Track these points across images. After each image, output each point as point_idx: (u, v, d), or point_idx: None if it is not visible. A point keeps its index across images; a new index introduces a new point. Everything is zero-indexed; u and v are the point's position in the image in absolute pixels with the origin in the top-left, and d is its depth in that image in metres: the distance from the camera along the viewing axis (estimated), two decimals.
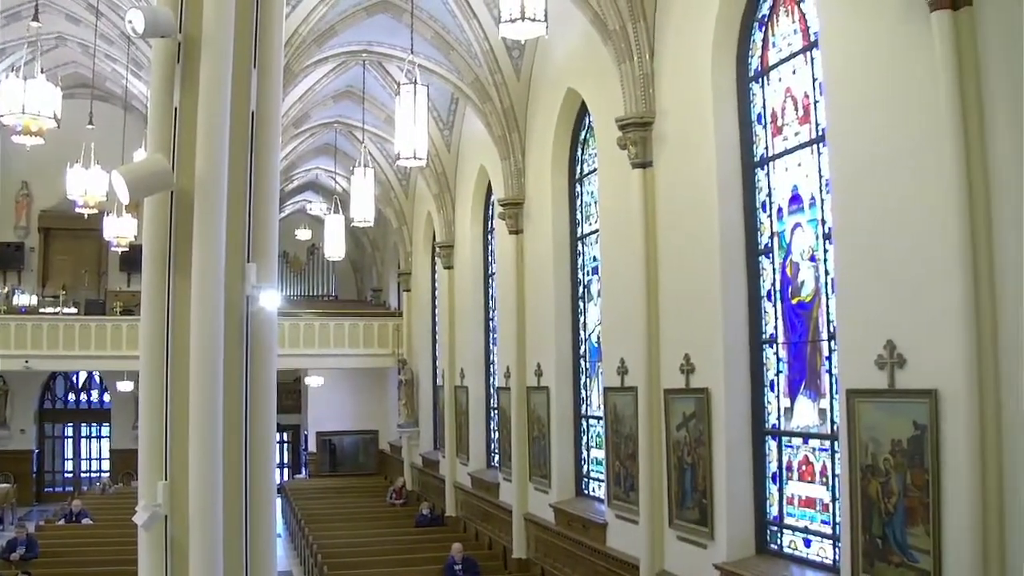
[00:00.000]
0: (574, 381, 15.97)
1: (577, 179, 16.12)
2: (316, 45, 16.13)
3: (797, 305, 10.11)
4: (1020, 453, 6.75)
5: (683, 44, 11.64)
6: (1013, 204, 6.81)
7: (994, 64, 7.00)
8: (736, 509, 10.56)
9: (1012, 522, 6.80)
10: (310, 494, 27.31)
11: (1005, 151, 6.89)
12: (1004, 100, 6.91)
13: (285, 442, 35.29)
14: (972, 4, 7.16)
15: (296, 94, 20.01)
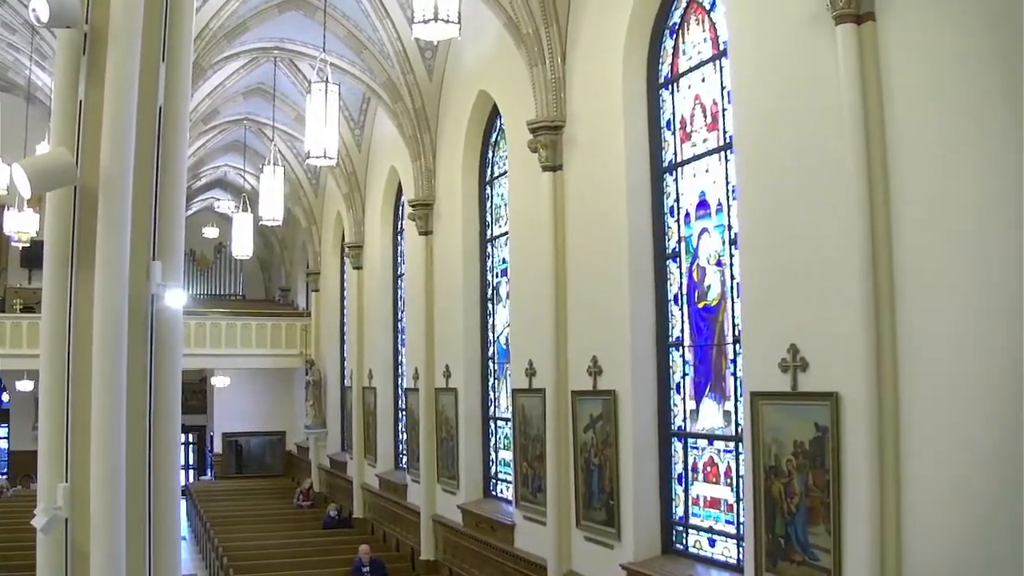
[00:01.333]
0: (482, 382, 15.93)
1: (488, 181, 16.09)
2: (227, 40, 15.82)
3: (703, 309, 10.22)
4: (917, 454, 6.91)
5: (595, 49, 11.70)
6: (913, 212, 6.97)
7: (896, 76, 7.15)
8: (642, 510, 10.63)
9: (909, 521, 6.96)
10: (216, 496, 26.85)
11: (906, 161, 7.05)
12: (905, 111, 7.07)
13: (190, 443, 34.61)
14: (875, 19, 7.31)
15: (205, 90, 19.63)
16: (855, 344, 7.21)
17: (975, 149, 6.49)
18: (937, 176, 6.79)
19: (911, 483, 6.96)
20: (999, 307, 6.27)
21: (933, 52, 6.86)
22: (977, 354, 6.45)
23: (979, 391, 6.42)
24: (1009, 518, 6.16)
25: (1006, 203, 6.22)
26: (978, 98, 6.48)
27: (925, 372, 6.86)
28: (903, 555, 6.99)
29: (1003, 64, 6.30)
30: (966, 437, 6.52)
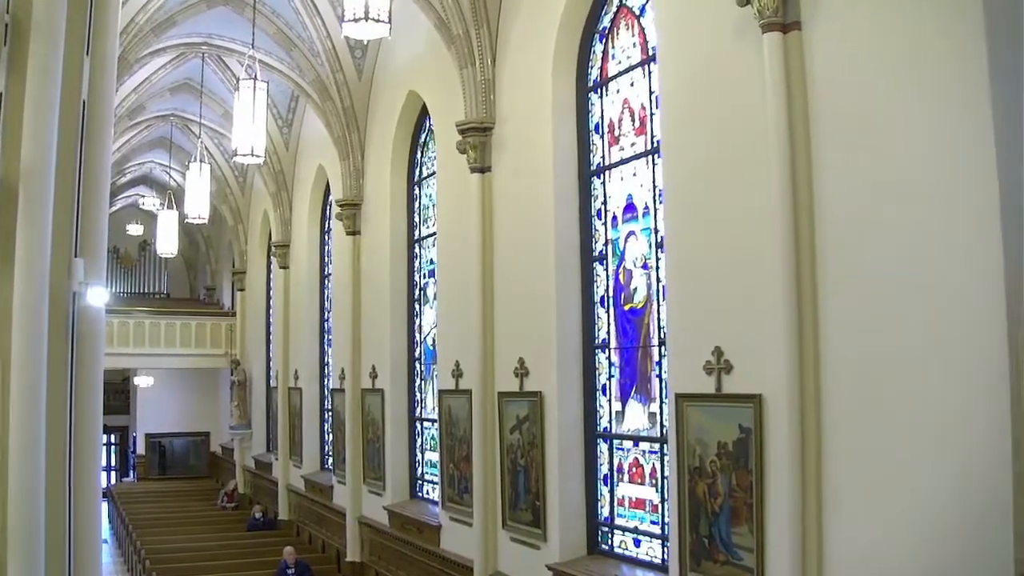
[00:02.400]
0: (409, 383, 15.86)
1: (416, 182, 16.03)
2: (154, 35, 15.50)
3: (629, 311, 10.27)
4: (838, 454, 7.02)
5: (525, 52, 11.71)
6: (835, 216, 7.09)
7: (820, 84, 7.26)
8: (568, 510, 10.66)
9: (830, 520, 7.07)
10: (138, 498, 26.45)
11: (829, 167, 7.16)
12: (829, 118, 7.18)
13: (112, 444, 33.98)
14: (801, 28, 7.42)
15: (131, 84, 19.22)
16: (778, 346, 7.30)
17: (897, 156, 6.61)
18: (859, 182, 6.90)
19: (832, 483, 7.07)
20: (919, 310, 6.39)
21: (857, 61, 6.97)
22: (896, 355, 6.57)
23: (898, 392, 6.54)
24: (925, 517, 6.31)
25: (929, 207, 6.36)
26: (900, 105, 6.60)
27: (846, 374, 6.97)
28: (824, 554, 7.09)
29: (925, 73, 6.44)
30: (885, 438, 6.63)
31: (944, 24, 6.30)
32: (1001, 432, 5.79)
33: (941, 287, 6.25)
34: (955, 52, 6.20)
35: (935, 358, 6.28)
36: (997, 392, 5.83)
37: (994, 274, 5.88)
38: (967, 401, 6.04)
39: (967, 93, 6.09)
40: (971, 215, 6.05)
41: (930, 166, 6.35)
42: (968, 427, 6.02)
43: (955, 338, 6.14)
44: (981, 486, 5.91)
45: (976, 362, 5.98)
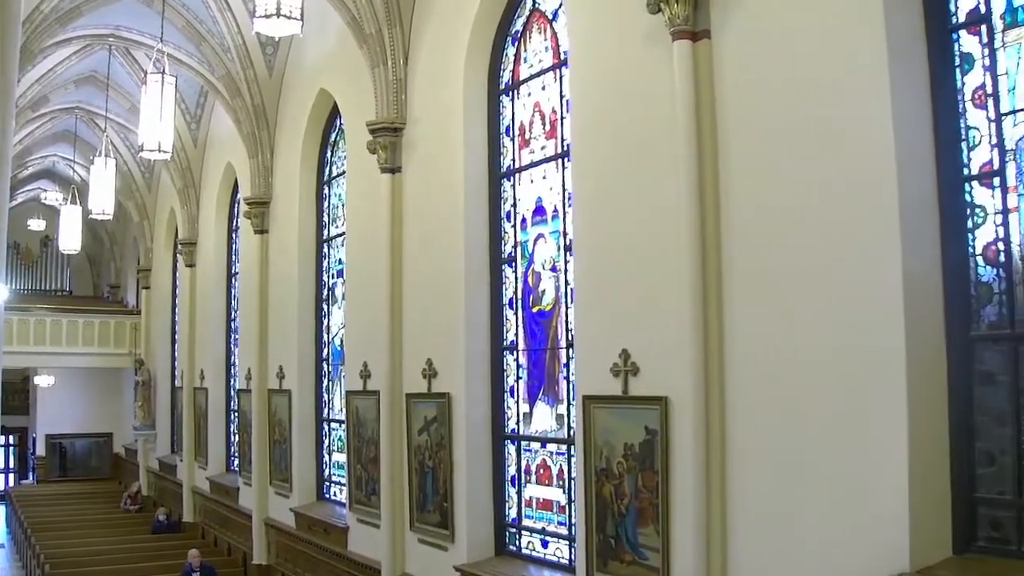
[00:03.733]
0: (316, 384, 15.68)
1: (326, 181, 15.85)
2: (59, 25, 14.98)
3: (537, 314, 10.28)
4: (742, 455, 7.09)
5: (438, 53, 11.64)
6: (741, 221, 7.16)
7: (729, 92, 7.33)
8: (476, 512, 10.62)
9: (734, 520, 7.13)
10: (38, 500, 25.75)
11: (735, 173, 7.23)
12: (736, 126, 7.25)
13: (11, 445, 33.08)
14: (711, 37, 7.49)
15: (34, 75, 18.65)
16: (684, 349, 7.35)
17: (802, 162, 6.70)
18: (764, 188, 6.99)
19: (737, 484, 7.13)
20: (822, 311, 6.49)
21: (764, 69, 7.05)
22: (799, 357, 6.66)
23: (800, 394, 6.63)
24: (826, 515, 6.40)
25: (832, 212, 6.45)
26: (805, 112, 6.70)
27: (751, 376, 7.04)
28: (728, 553, 7.16)
29: (829, 82, 6.54)
30: (788, 438, 6.73)
31: (847, 36, 6.40)
32: (898, 430, 5.91)
33: (843, 289, 6.34)
34: (857, 63, 6.31)
35: (837, 359, 6.37)
36: (895, 391, 5.94)
37: (893, 275, 5.99)
38: (867, 400, 6.14)
39: (869, 102, 6.20)
40: (872, 218, 6.16)
41: (833, 171, 6.45)
42: (868, 426, 6.12)
43: (856, 338, 6.23)
44: (879, 484, 6.02)
45: (875, 362, 6.09)
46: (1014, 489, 5.79)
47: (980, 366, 6.04)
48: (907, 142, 6.10)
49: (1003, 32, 6.00)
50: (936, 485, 6.01)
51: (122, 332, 27.16)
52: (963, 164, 6.16)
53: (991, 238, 6.00)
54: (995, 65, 6.04)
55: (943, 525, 6.00)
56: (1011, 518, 5.80)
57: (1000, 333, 5.95)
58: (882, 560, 5.91)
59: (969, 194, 6.13)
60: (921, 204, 6.13)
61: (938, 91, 6.26)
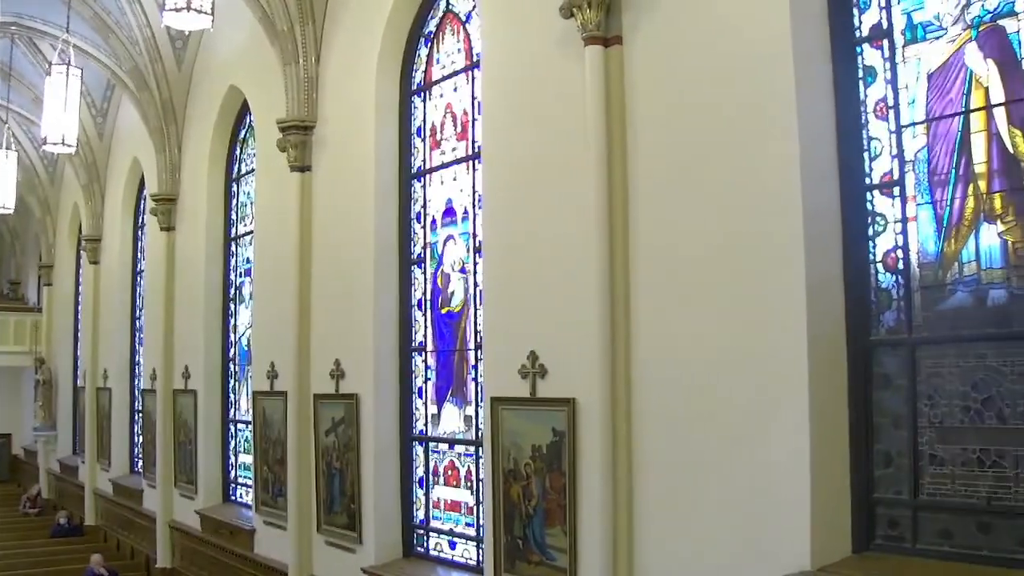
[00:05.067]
0: (223, 384, 15.40)
1: (234, 178, 15.57)
2: None
3: (446, 315, 10.23)
4: (648, 456, 7.13)
5: (350, 52, 11.50)
6: (649, 224, 7.20)
7: (639, 98, 7.36)
8: (383, 513, 10.53)
9: (640, 521, 7.17)
10: None
11: (644, 177, 7.27)
12: (645, 131, 7.29)
13: None
14: (622, 44, 7.51)
15: None
16: (592, 351, 7.35)
17: (709, 167, 6.76)
18: (673, 192, 7.03)
19: (642, 485, 7.17)
20: (728, 317, 6.55)
21: (674, 76, 7.10)
22: (704, 359, 6.71)
23: (705, 397, 6.69)
24: (730, 516, 6.47)
25: (739, 218, 6.52)
26: (713, 119, 6.76)
27: (657, 379, 7.08)
28: (635, 554, 7.19)
29: (737, 90, 6.61)
30: (692, 441, 6.78)
31: (755, 48, 6.47)
32: (799, 432, 5.99)
33: (748, 293, 6.41)
34: (765, 74, 6.38)
35: (741, 363, 6.43)
36: (798, 394, 6.02)
37: (797, 280, 6.08)
38: (770, 403, 6.22)
39: (775, 111, 6.28)
40: (777, 225, 6.23)
41: (740, 179, 6.51)
42: (771, 428, 6.20)
43: (760, 342, 6.31)
44: (782, 485, 6.10)
45: (779, 365, 6.16)
46: (910, 489, 5.93)
47: (879, 370, 6.18)
48: (812, 151, 6.20)
49: (904, 47, 6.17)
50: (836, 486, 6.11)
51: (22, 330, 26.46)
52: (865, 174, 6.29)
53: (891, 246, 6.16)
54: (896, 79, 6.20)
55: (843, 524, 6.12)
56: (907, 517, 5.94)
57: (898, 338, 6.08)
58: (784, 559, 5.98)
59: (871, 203, 6.26)
60: (824, 212, 6.24)
61: (842, 103, 6.38)
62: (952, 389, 5.80)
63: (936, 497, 5.84)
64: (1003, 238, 5.62)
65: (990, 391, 5.63)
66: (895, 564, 5.85)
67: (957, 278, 5.84)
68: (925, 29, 6.07)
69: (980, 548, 5.61)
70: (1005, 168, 5.63)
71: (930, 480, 5.88)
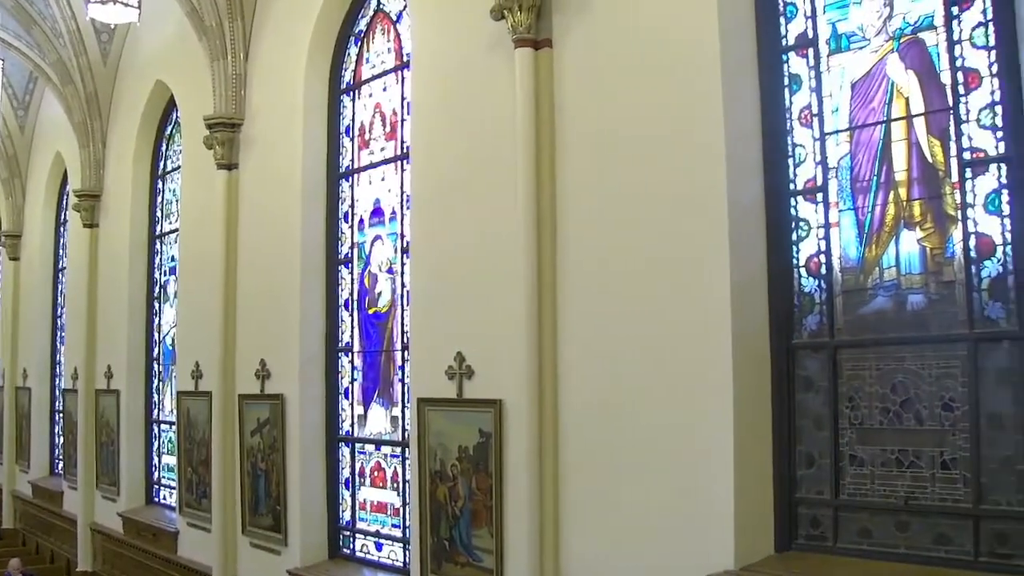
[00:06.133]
0: (146, 384, 15.09)
1: (160, 175, 15.27)
2: None
3: (373, 315, 10.13)
4: (574, 456, 7.13)
5: (279, 49, 11.33)
6: (576, 225, 7.20)
7: (568, 101, 7.36)
8: (309, 515, 10.40)
9: (566, 520, 7.17)
10: None
11: (572, 180, 7.27)
12: (574, 134, 7.29)
13: None
14: (552, 46, 7.51)
15: None
16: (518, 353, 7.34)
17: (637, 170, 6.78)
18: (600, 194, 7.04)
19: (568, 485, 7.17)
20: (653, 319, 6.58)
21: (603, 80, 7.11)
22: (629, 361, 6.73)
23: (629, 399, 6.71)
24: (654, 518, 6.49)
25: (666, 221, 6.54)
26: (640, 123, 6.78)
27: (583, 381, 7.09)
28: (560, 554, 7.19)
29: (664, 95, 6.64)
30: (617, 442, 6.79)
31: (684, 54, 6.51)
32: (724, 433, 6.04)
33: (674, 296, 6.44)
34: (692, 80, 6.41)
35: (667, 365, 6.46)
36: (722, 396, 6.07)
37: (721, 284, 6.12)
38: (695, 404, 6.25)
39: (702, 117, 6.32)
40: (702, 229, 6.27)
41: (667, 182, 6.54)
42: (696, 429, 6.23)
43: (686, 345, 6.34)
44: (707, 486, 6.14)
45: (704, 367, 6.20)
46: (831, 489, 6.03)
47: (801, 372, 6.26)
48: (737, 157, 6.25)
49: (828, 57, 6.28)
50: (759, 486, 6.18)
51: None
52: (790, 179, 6.37)
53: (814, 250, 6.25)
54: (820, 87, 6.29)
55: (766, 524, 6.19)
56: (828, 516, 6.04)
57: (820, 341, 6.17)
58: (709, 558, 6.02)
59: (794, 208, 6.34)
60: (749, 216, 6.30)
61: (768, 109, 6.45)
62: (872, 391, 5.90)
63: (856, 497, 5.94)
64: (922, 244, 5.74)
65: (908, 393, 5.74)
66: (816, 562, 5.92)
67: (878, 283, 5.94)
68: (849, 39, 6.18)
69: (898, 546, 5.73)
70: (924, 176, 5.74)
71: (850, 480, 5.98)
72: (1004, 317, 5.38)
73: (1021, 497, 5.26)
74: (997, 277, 5.41)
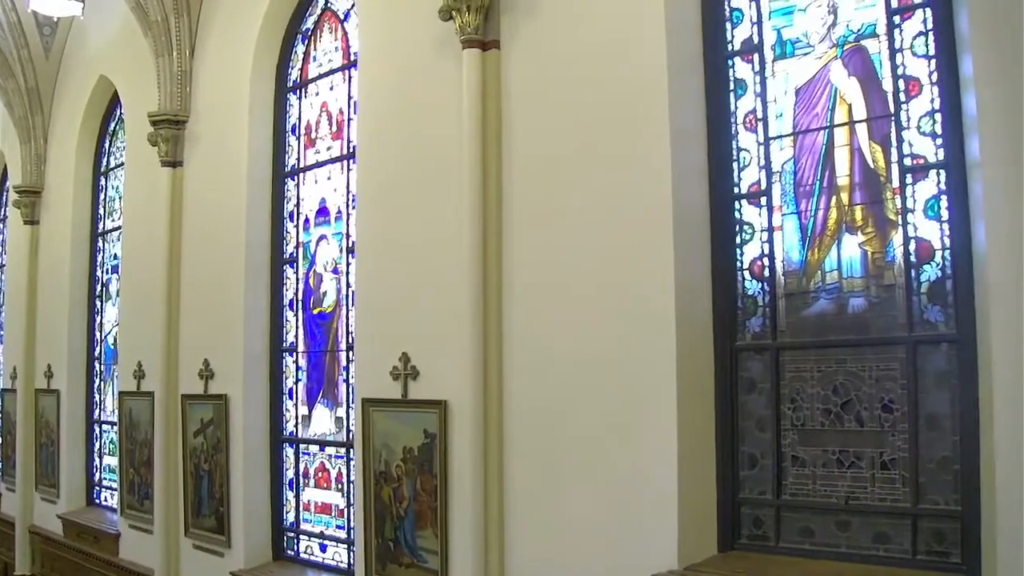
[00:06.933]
0: (87, 384, 14.81)
1: (103, 172, 15.00)
2: None
3: (318, 315, 10.04)
4: (519, 458, 7.12)
5: (225, 46, 11.18)
6: (522, 229, 7.19)
7: (515, 102, 7.34)
8: (253, 516, 10.26)
9: (511, 521, 7.16)
10: None
11: (518, 180, 7.26)
12: (521, 136, 7.27)
13: None
14: (500, 48, 7.49)
15: None
16: (464, 354, 7.30)
17: (581, 172, 6.78)
18: (546, 195, 7.03)
19: (513, 486, 7.16)
20: (597, 320, 6.58)
21: (550, 83, 7.10)
22: (577, 361, 6.73)
23: (578, 399, 6.71)
24: (600, 519, 6.50)
25: (612, 224, 6.54)
26: (586, 128, 6.79)
27: (528, 381, 7.08)
28: (505, 554, 7.17)
29: (610, 100, 6.65)
30: (564, 442, 6.79)
31: (630, 58, 6.51)
32: (668, 434, 6.06)
33: (619, 297, 6.44)
34: (639, 84, 6.43)
35: (611, 367, 6.46)
36: (666, 397, 6.09)
37: (666, 286, 6.14)
38: (639, 406, 6.26)
39: (648, 120, 6.33)
40: (648, 231, 6.28)
41: (612, 185, 6.54)
42: (640, 430, 6.24)
43: (630, 347, 6.34)
44: (651, 486, 6.16)
45: (648, 369, 6.22)
46: (773, 489, 6.08)
47: (745, 374, 6.30)
48: (683, 160, 6.27)
49: (773, 62, 6.33)
50: (703, 487, 6.21)
51: None
52: (734, 183, 6.41)
53: (757, 253, 6.29)
54: (765, 92, 6.34)
55: (709, 524, 6.22)
56: (771, 516, 6.09)
57: (763, 343, 6.21)
58: (653, 558, 6.04)
59: (739, 211, 6.38)
60: (694, 220, 6.33)
61: (713, 114, 6.49)
62: (814, 393, 5.96)
63: (798, 497, 5.99)
64: (863, 248, 5.80)
65: (849, 395, 5.80)
66: (759, 562, 5.96)
67: (820, 286, 5.99)
68: (794, 45, 6.23)
69: (839, 545, 5.79)
70: (865, 181, 5.81)
71: (792, 481, 6.03)
72: (943, 320, 5.46)
73: (957, 496, 5.34)
74: (936, 281, 5.49)
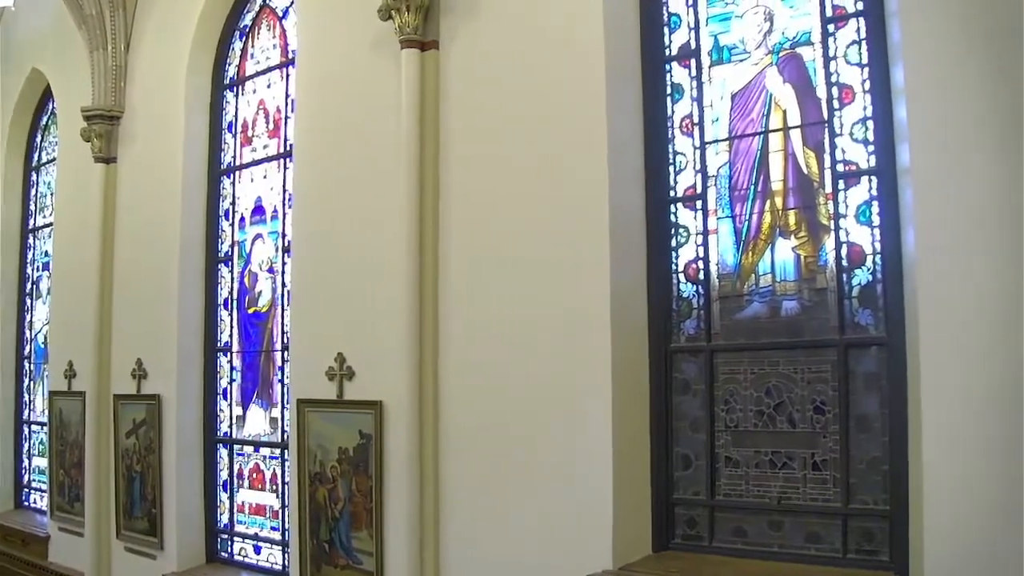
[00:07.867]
0: (16, 384, 14.45)
1: (34, 167, 14.67)
2: None
3: (253, 315, 9.91)
4: (455, 459, 7.09)
5: (161, 41, 10.96)
6: (460, 231, 7.15)
7: (454, 103, 7.30)
8: (186, 518, 10.08)
9: (446, 522, 7.13)
10: None
11: (455, 182, 7.22)
12: (459, 136, 7.24)
13: None
14: (439, 48, 7.45)
15: None
16: (400, 354, 7.24)
17: (518, 174, 6.77)
18: (484, 199, 7.00)
19: (449, 487, 7.12)
20: (536, 322, 6.57)
21: (488, 84, 7.08)
22: (513, 362, 6.71)
23: (513, 400, 6.69)
24: (535, 520, 6.50)
25: (549, 226, 6.54)
26: (524, 130, 6.77)
27: (464, 382, 7.06)
28: (440, 555, 7.13)
29: (548, 102, 6.64)
30: (499, 443, 6.77)
31: (569, 61, 6.51)
32: (603, 436, 6.07)
33: (555, 299, 6.43)
34: (577, 87, 6.43)
35: (546, 368, 6.46)
36: (601, 398, 6.11)
37: (602, 288, 6.16)
38: (574, 408, 6.26)
39: (586, 123, 6.34)
40: (584, 234, 6.29)
41: (549, 187, 6.53)
42: (575, 431, 6.25)
43: (566, 348, 6.34)
44: (586, 487, 6.16)
45: (583, 370, 6.22)
46: (707, 490, 6.13)
47: (679, 375, 6.34)
48: (619, 164, 6.28)
49: (710, 68, 6.38)
50: (638, 487, 6.24)
51: None
52: (670, 187, 6.45)
53: (692, 257, 6.34)
54: (702, 97, 6.38)
55: (643, 525, 6.25)
56: (704, 516, 6.14)
57: (697, 345, 6.25)
58: (588, 559, 6.03)
59: (674, 215, 6.42)
60: (630, 222, 6.34)
61: (650, 118, 6.51)
62: (747, 395, 6.01)
63: (731, 497, 6.04)
64: (796, 252, 5.86)
65: (782, 397, 5.86)
66: (692, 561, 6.00)
67: (753, 289, 6.04)
68: (731, 52, 6.28)
69: (771, 545, 5.84)
70: (799, 186, 5.87)
71: (726, 481, 6.07)
72: (873, 324, 5.54)
73: (886, 496, 5.42)
74: (867, 285, 5.56)
